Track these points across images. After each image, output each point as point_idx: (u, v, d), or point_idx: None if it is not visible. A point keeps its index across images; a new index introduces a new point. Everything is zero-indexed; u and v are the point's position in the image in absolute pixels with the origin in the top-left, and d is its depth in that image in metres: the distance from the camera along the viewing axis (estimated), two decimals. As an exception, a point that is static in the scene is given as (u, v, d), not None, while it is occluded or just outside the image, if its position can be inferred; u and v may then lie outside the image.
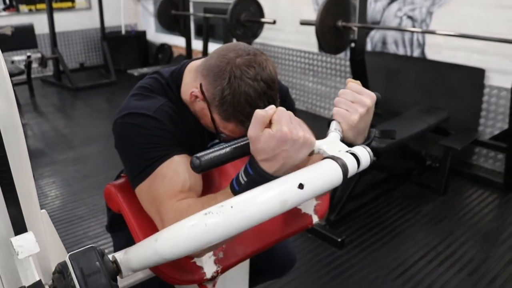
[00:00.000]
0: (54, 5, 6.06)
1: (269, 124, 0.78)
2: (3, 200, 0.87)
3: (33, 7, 6.08)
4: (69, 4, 6.41)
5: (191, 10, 5.91)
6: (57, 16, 5.72)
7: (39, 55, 4.90)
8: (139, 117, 0.99)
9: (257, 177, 0.81)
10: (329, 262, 2.27)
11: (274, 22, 4.14)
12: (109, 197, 1.09)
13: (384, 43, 3.67)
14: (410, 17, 3.44)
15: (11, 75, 4.40)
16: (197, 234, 0.66)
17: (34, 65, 5.04)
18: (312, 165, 0.76)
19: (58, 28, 5.68)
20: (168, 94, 1.07)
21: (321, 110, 4.43)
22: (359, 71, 3.29)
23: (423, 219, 2.63)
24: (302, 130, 0.78)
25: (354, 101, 0.88)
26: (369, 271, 2.18)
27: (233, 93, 0.92)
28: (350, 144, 0.88)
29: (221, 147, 0.77)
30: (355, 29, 3.11)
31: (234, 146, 0.79)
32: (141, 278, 1.14)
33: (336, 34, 3.18)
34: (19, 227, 0.91)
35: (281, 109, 0.79)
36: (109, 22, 6.29)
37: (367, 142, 0.95)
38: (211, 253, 1.04)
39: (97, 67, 6.56)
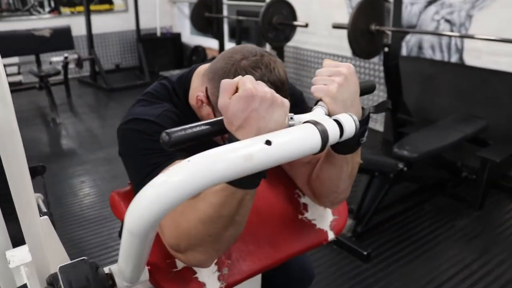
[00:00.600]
0: (93, 7, 6.23)
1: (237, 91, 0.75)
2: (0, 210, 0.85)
3: (74, 10, 6.26)
4: (107, 6, 6.56)
5: (225, 13, 5.91)
6: (95, 18, 5.88)
7: (75, 56, 5.02)
8: (141, 122, 0.97)
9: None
10: (354, 275, 2.18)
11: (306, 25, 4.06)
12: (113, 204, 1.06)
13: (420, 47, 3.52)
14: (448, 21, 3.29)
15: (48, 75, 4.54)
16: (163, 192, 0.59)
17: (71, 66, 5.16)
18: (289, 128, 0.71)
19: (96, 30, 5.83)
20: (173, 99, 1.05)
21: (354, 116, 4.31)
22: (393, 77, 3.17)
23: (456, 235, 2.49)
24: (268, 88, 0.74)
25: (331, 74, 0.86)
26: (396, 287, 2.08)
27: None
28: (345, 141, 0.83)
29: (195, 124, 0.73)
30: (389, 33, 2.99)
31: (208, 121, 0.74)
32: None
33: (369, 38, 3.08)
34: (17, 238, 0.89)
35: (247, 76, 0.75)
36: (145, 24, 6.39)
37: (360, 119, 0.88)
38: (215, 268, 0.99)
39: (132, 69, 6.67)
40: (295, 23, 4.19)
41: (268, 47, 5.12)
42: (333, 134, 0.72)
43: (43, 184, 1.59)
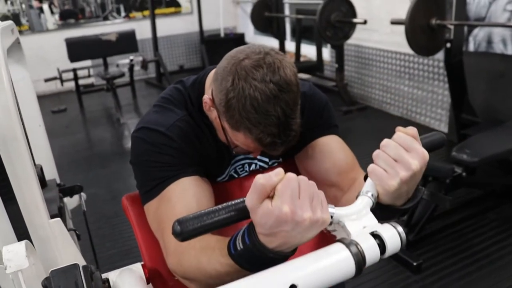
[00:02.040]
0: (160, 11, 6.48)
1: (273, 194, 0.62)
2: (5, 211, 0.88)
3: (145, 14, 6.55)
4: (172, 9, 6.77)
5: (287, 12, 5.86)
6: (162, 21, 6.10)
7: (140, 58, 5.23)
8: (151, 133, 0.95)
9: (254, 249, 0.66)
10: (402, 287, 2.04)
11: (365, 22, 3.91)
12: (124, 208, 1.06)
13: (489, 42, 3.24)
14: (521, 12, 3.00)
15: (114, 77, 4.76)
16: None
17: (137, 67, 5.38)
18: (317, 251, 0.62)
19: (162, 33, 6.05)
20: (187, 106, 1.01)
21: (417, 116, 4.08)
22: (456, 75, 2.95)
23: (524, 248, 2.25)
24: (310, 211, 0.61)
25: (398, 160, 0.70)
26: (447, 304, 1.92)
27: (237, 96, 0.80)
28: (385, 207, 0.73)
29: (213, 209, 0.64)
30: (451, 27, 2.78)
31: (229, 208, 0.64)
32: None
33: (429, 33, 2.89)
34: (23, 238, 0.91)
35: (289, 178, 0.61)
36: (210, 26, 6.52)
37: (411, 204, 0.76)
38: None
39: (196, 69, 6.82)
40: (354, 20, 4.04)
41: (328, 46, 5.01)
42: (372, 255, 0.63)
43: (82, 203, 1.66)
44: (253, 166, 1.11)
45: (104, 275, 0.87)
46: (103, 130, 4.68)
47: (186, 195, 0.90)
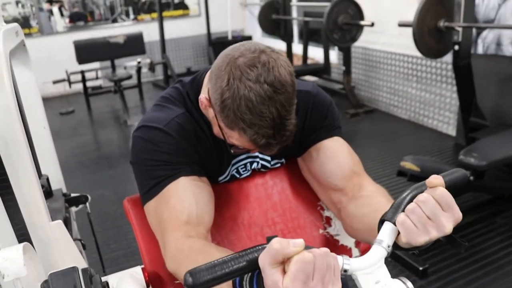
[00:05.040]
0: (168, 13, 6.50)
1: (286, 263, 0.60)
2: (5, 212, 0.87)
3: (153, 16, 6.59)
4: (180, 12, 6.79)
5: (295, 14, 5.85)
6: (170, 23, 6.12)
7: (148, 60, 5.25)
8: (149, 130, 0.95)
9: None
10: (407, 292, 2.02)
11: (372, 25, 3.89)
12: (126, 211, 1.06)
13: (498, 44, 3.21)
14: (531, 14, 2.96)
15: (121, 79, 4.78)
16: None
17: (144, 70, 5.40)
18: None
19: (170, 35, 6.06)
20: (187, 104, 1.01)
21: (425, 119, 4.05)
22: (464, 77, 2.91)
23: (533, 254, 2.22)
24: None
25: (432, 218, 0.67)
26: (453, 309, 1.90)
27: (232, 96, 0.79)
28: (400, 249, 0.72)
29: (225, 259, 0.62)
30: (459, 29, 2.75)
31: (241, 259, 0.62)
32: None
33: (437, 36, 2.86)
34: (23, 240, 0.91)
35: (305, 260, 0.59)
36: (217, 28, 6.53)
37: (428, 245, 0.73)
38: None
39: (203, 72, 6.83)
40: (361, 22, 4.02)
41: (336, 49, 4.99)
42: None
43: (87, 212, 1.66)
44: (255, 165, 1.10)
45: (104, 278, 0.87)
46: (110, 132, 4.70)
47: (185, 195, 0.90)
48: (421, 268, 2.08)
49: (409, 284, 0.68)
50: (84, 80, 5.30)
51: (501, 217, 2.53)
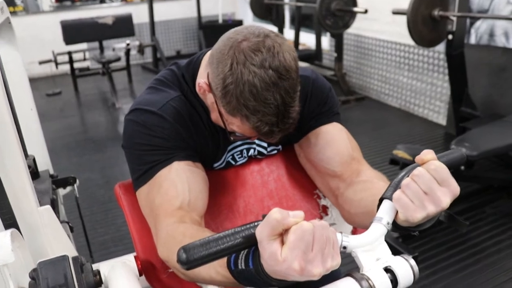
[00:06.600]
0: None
1: (284, 234, 0.58)
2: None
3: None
4: (171, -7, 6.68)
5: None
6: (160, 5, 6.00)
7: (137, 42, 5.15)
8: (143, 113, 0.91)
9: (256, 274, 0.63)
10: (397, 280, 2.03)
11: (365, 12, 3.85)
12: (117, 196, 1.03)
13: (491, 35, 3.20)
14: (525, 5, 2.95)
15: (109, 61, 4.69)
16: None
17: (133, 52, 5.31)
18: (327, 286, 0.61)
19: (160, 17, 5.94)
20: (182, 87, 0.98)
21: (416, 108, 4.05)
22: (457, 67, 2.91)
23: (520, 243, 2.25)
24: (321, 266, 0.57)
25: (428, 193, 0.65)
26: (442, 298, 1.91)
27: (235, 82, 0.77)
28: (401, 226, 0.70)
29: (221, 235, 0.60)
30: (454, 19, 2.74)
31: (237, 235, 0.60)
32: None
33: (431, 24, 2.85)
34: (10, 225, 0.87)
35: (305, 229, 0.57)
36: (208, 11, 6.43)
37: (428, 224, 0.71)
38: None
39: (193, 55, 6.72)
40: (354, 9, 3.99)
41: (328, 35, 4.95)
42: None
43: (75, 195, 1.62)
44: (251, 152, 1.08)
45: (95, 266, 0.84)
46: (98, 114, 4.62)
47: (178, 180, 0.87)
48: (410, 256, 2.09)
49: (412, 261, 0.65)
50: (71, 61, 5.18)
51: (490, 207, 2.55)
